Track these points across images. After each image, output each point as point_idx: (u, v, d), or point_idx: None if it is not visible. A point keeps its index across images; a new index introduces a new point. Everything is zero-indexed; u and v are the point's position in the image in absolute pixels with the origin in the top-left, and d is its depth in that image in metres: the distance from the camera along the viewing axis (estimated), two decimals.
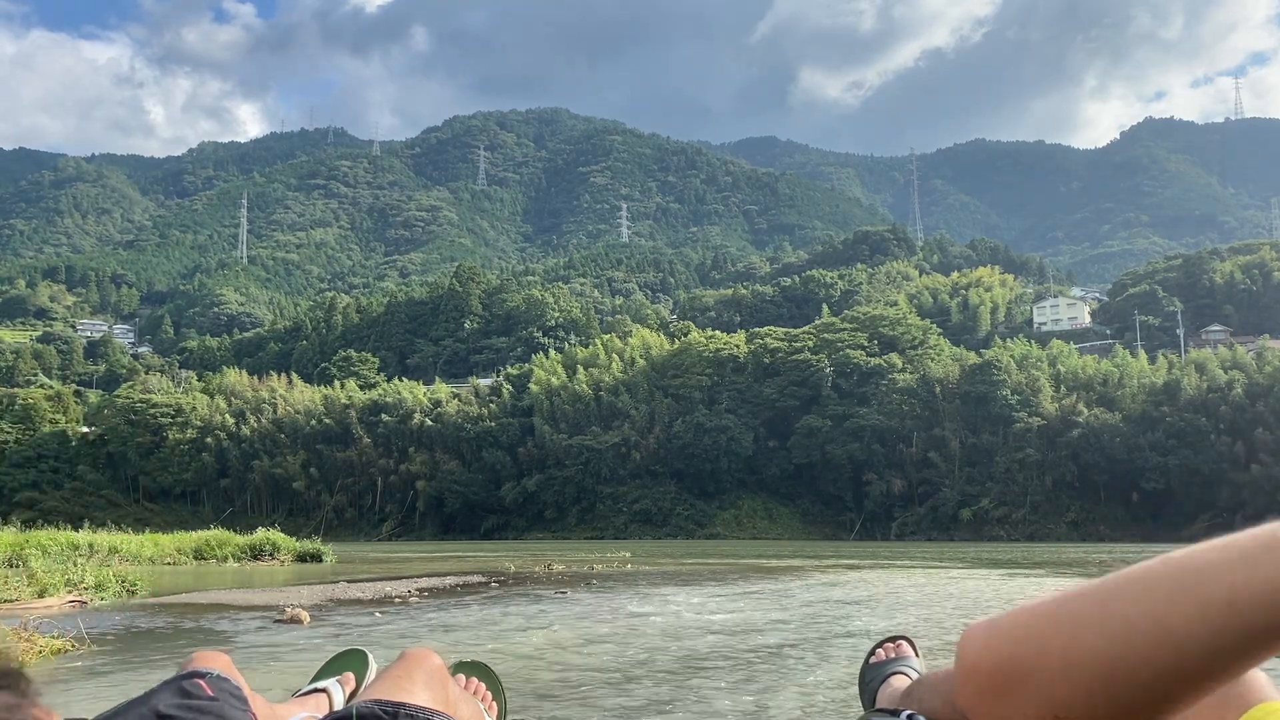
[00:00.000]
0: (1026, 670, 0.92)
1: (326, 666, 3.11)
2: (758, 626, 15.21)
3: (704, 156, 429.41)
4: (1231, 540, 0.86)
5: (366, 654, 3.15)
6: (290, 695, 2.93)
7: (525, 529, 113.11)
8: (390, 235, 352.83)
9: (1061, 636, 0.90)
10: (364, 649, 3.19)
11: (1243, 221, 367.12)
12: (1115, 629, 0.88)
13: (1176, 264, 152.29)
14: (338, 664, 3.11)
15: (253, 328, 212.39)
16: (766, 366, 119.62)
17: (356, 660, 3.12)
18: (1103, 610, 0.90)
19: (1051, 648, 0.91)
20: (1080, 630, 0.90)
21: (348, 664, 3.10)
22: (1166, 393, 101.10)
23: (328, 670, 3.08)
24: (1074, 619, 0.91)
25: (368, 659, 3.12)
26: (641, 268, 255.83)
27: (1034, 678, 0.91)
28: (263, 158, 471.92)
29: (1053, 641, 0.92)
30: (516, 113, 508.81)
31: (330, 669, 3.09)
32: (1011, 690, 0.93)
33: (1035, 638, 0.93)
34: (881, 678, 2.98)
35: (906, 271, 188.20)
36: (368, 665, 3.10)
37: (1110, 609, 0.89)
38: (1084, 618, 0.91)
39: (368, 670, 3.08)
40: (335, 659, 3.15)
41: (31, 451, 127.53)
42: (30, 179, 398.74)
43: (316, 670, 3.12)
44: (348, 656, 3.15)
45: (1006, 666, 0.94)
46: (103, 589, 21.07)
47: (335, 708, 2.84)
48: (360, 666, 3.08)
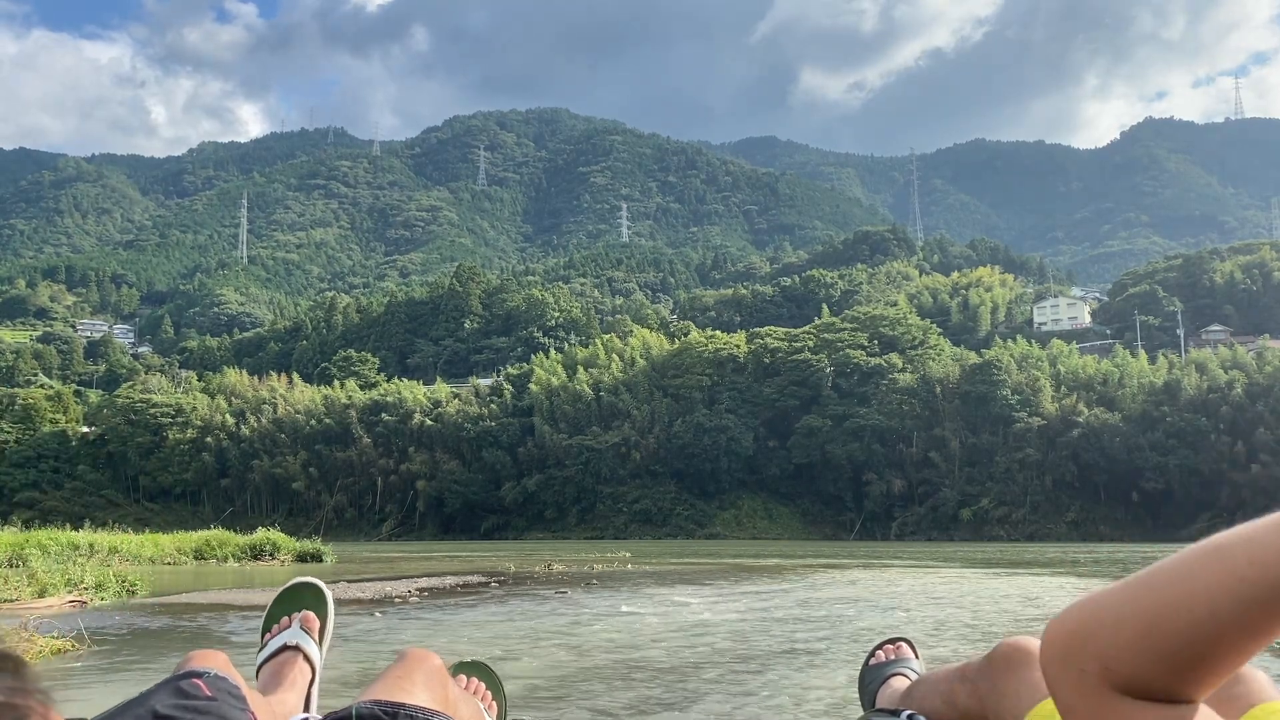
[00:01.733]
0: (1088, 632, 1.07)
1: (279, 603, 2.96)
2: (757, 626, 15.21)
3: (704, 156, 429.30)
4: (1260, 520, 1.02)
5: (320, 586, 3.01)
6: (259, 655, 2.80)
7: (525, 529, 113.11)
8: (390, 235, 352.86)
9: (1114, 600, 1.06)
10: (315, 580, 3.03)
11: (1243, 221, 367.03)
12: (1157, 588, 1.03)
13: (1176, 264, 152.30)
14: (291, 600, 2.97)
15: (253, 328, 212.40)
16: (766, 366, 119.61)
17: (310, 595, 2.98)
18: (1148, 577, 1.06)
19: (1105, 610, 1.06)
20: (1129, 593, 1.06)
21: (302, 599, 2.96)
22: (1166, 393, 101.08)
23: (282, 607, 2.95)
24: (1125, 587, 1.08)
25: (323, 592, 2.99)
26: (641, 268, 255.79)
27: (1092, 637, 1.06)
28: (263, 158, 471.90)
29: (1107, 605, 1.08)
30: (516, 113, 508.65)
31: (285, 605, 2.95)
32: (1075, 651, 1.08)
33: (1094, 604, 1.08)
34: (881, 679, 2.96)
35: (906, 271, 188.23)
36: (325, 600, 2.97)
37: (1155, 575, 1.05)
38: (1132, 584, 1.07)
39: (326, 607, 2.96)
40: (287, 594, 2.99)
41: (32, 451, 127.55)
42: (30, 179, 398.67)
43: (269, 608, 2.95)
44: (299, 591, 2.99)
45: (1074, 631, 1.09)
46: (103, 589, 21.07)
47: (314, 662, 2.79)
48: (317, 603, 2.96)
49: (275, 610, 2.95)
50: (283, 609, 2.95)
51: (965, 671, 2.08)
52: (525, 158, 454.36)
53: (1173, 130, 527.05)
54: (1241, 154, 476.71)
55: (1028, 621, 16.51)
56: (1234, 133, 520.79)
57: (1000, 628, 15.10)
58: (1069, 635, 1.10)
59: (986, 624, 15.67)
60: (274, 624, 2.91)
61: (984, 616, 17.08)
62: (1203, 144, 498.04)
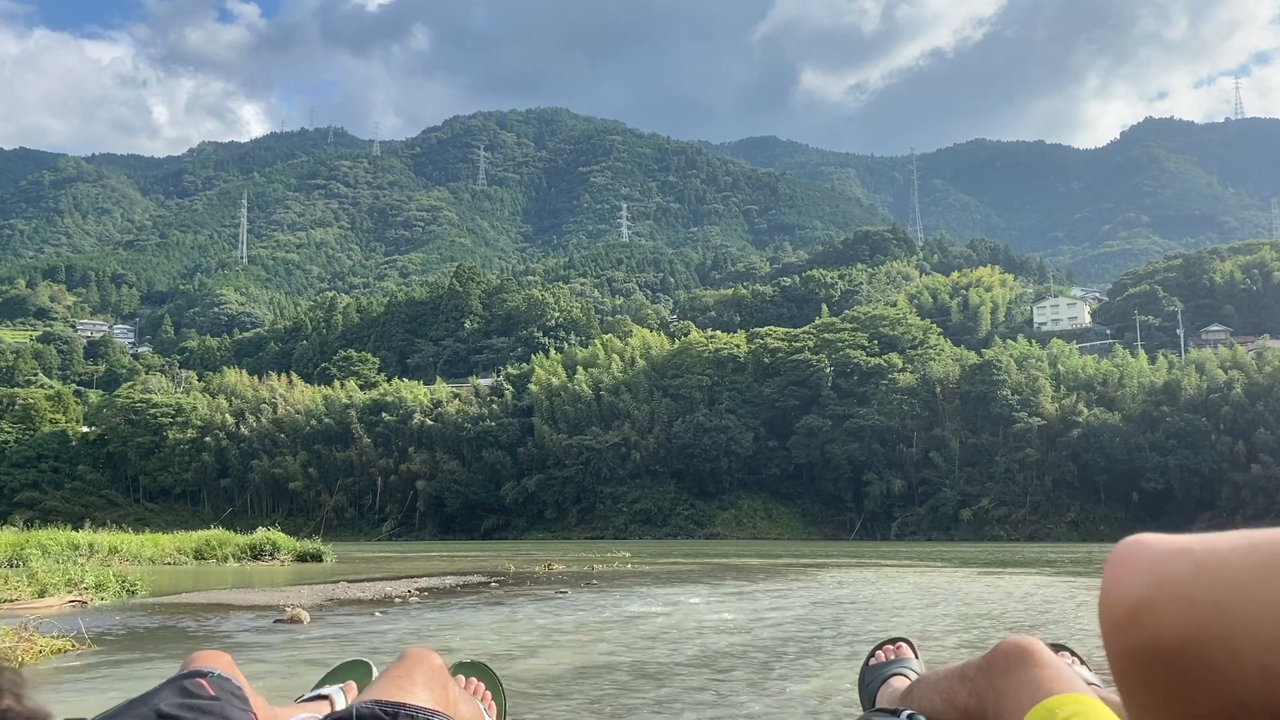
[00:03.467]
0: (1213, 655, 0.71)
1: (330, 675, 3.10)
2: (757, 626, 15.21)
3: (704, 156, 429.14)
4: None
5: (370, 665, 3.12)
6: (293, 700, 2.92)
7: (525, 529, 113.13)
8: (390, 235, 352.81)
9: (1252, 611, 0.69)
10: (368, 660, 3.17)
11: (1243, 221, 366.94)
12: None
13: (1176, 264, 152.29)
14: (341, 673, 3.10)
15: (253, 328, 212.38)
16: (766, 366, 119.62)
17: (360, 670, 3.10)
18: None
19: (1241, 626, 0.70)
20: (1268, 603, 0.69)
21: (351, 673, 3.09)
22: (1166, 393, 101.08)
23: (331, 678, 3.07)
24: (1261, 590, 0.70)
25: (371, 670, 3.09)
26: (641, 268, 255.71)
27: (1225, 664, 0.70)
28: (263, 158, 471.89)
29: (1242, 616, 0.71)
30: (516, 113, 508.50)
31: (333, 678, 3.07)
32: (1194, 676, 0.72)
33: (1222, 614, 0.71)
34: (881, 679, 2.95)
35: (906, 271, 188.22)
36: (371, 676, 3.06)
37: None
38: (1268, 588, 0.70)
39: (370, 679, 3.01)
40: (339, 668, 3.13)
41: (32, 451, 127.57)
42: (30, 179, 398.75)
43: (319, 679, 3.11)
44: (351, 667, 3.13)
45: (1191, 648, 0.72)
46: (103, 589, 21.08)
47: (335, 708, 2.83)
48: (364, 676, 3.06)
49: (322, 682, 3.06)
50: (330, 680, 3.06)
51: (965, 671, 2.04)
52: (525, 158, 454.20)
53: (1173, 130, 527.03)
54: (1242, 154, 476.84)
55: (1028, 621, 16.52)
56: (1234, 133, 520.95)
57: (1000, 628, 15.11)
58: (1183, 646, 0.74)
59: (987, 624, 15.68)
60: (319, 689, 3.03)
61: (984, 616, 17.09)
62: (1203, 144, 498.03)
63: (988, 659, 1.92)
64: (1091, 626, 15.41)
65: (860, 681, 3.15)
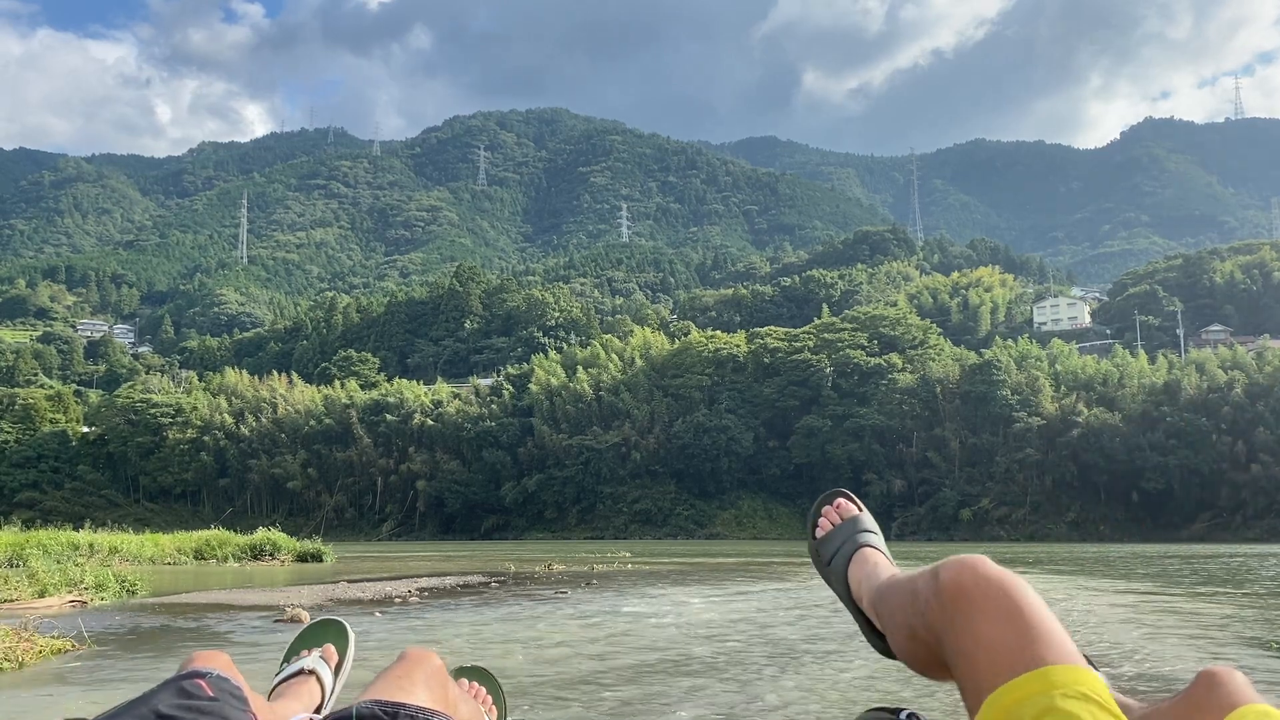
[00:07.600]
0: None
1: (302, 638, 3.03)
2: (758, 625, 15.21)
3: (704, 156, 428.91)
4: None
5: (344, 624, 3.08)
6: (274, 680, 2.85)
7: (525, 529, 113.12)
8: (390, 235, 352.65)
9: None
10: (341, 619, 3.12)
11: (1243, 221, 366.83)
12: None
13: (1176, 264, 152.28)
14: (314, 635, 3.04)
15: (253, 328, 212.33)
16: (766, 366, 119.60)
17: (334, 631, 3.05)
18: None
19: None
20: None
21: (325, 635, 3.03)
22: (1166, 393, 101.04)
23: (304, 641, 3.01)
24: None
25: (345, 630, 3.06)
26: (641, 268, 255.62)
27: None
28: (263, 158, 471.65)
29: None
30: (516, 113, 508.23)
31: (307, 640, 3.01)
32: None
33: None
34: (846, 556, 2.40)
35: (906, 271, 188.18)
36: (346, 636, 3.04)
37: None
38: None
39: (347, 642, 3.03)
40: (311, 630, 3.07)
41: (32, 451, 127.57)
42: (30, 179, 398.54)
43: (291, 642, 3.02)
44: (324, 627, 3.08)
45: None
46: (103, 589, 21.07)
47: (325, 687, 2.80)
48: (339, 638, 3.02)
49: (297, 644, 3.00)
50: (304, 643, 3.00)
51: (916, 602, 1.76)
52: (525, 158, 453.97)
53: (1173, 130, 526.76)
54: (1242, 154, 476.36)
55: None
56: (1234, 133, 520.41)
57: None
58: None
59: None
60: (294, 655, 2.94)
61: None
62: (1203, 144, 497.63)
63: (937, 592, 1.66)
64: (1092, 626, 15.41)
65: (814, 557, 2.57)
